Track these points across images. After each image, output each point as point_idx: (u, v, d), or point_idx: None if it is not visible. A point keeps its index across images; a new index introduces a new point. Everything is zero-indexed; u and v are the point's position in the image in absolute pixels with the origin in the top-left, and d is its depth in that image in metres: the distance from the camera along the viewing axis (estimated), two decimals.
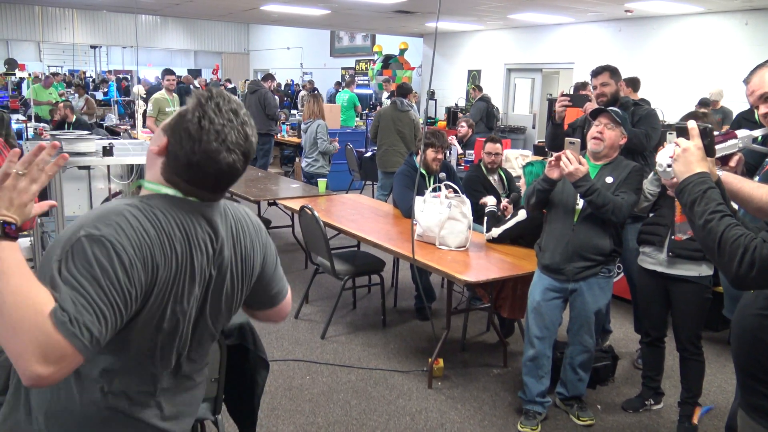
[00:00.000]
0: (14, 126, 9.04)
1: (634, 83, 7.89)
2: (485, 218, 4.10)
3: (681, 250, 3.04)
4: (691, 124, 1.60)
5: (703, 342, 3.23)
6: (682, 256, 3.06)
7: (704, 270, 3.09)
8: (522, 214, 3.85)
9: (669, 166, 1.78)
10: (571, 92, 3.93)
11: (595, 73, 3.82)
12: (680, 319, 3.17)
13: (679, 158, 1.58)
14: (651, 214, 3.23)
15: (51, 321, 1.07)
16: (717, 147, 1.74)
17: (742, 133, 1.89)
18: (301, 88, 17.30)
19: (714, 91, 8.29)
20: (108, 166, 4.30)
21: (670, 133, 2.91)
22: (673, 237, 3.04)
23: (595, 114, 3.19)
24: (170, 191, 1.33)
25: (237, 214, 1.51)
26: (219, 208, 1.42)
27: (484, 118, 10.00)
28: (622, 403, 3.49)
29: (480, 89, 11.07)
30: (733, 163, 1.90)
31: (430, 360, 3.65)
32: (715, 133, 1.78)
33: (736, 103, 8.26)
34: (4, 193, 1.17)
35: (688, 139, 1.59)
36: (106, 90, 16.99)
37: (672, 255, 3.08)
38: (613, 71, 3.77)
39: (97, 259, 1.15)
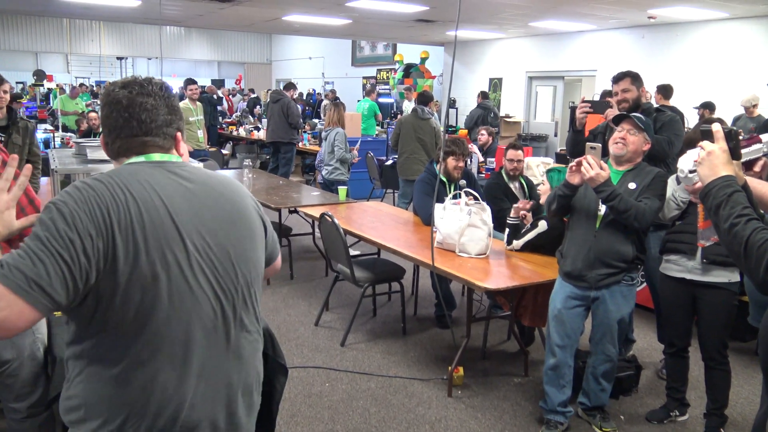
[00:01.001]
0: (42, 136, 9.24)
1: (666, 90, 7.81)
2: (506, 229, 4.06)
3: (716, 256, 2.97)
4: (716, 127, 1.57)
5: (730, 352, 3.16)
6: (717, 263, 2.99)
7: (734, 276, 3.03)
8: (543, 225, 3.82)
9: (691, 171, 1.76)
10: (597, 99, 3.88)
11: (617, 79, 3.79)
12: (707, 327, 3.10)
13: (704, 161, 1.55)
14: (678, 222, 3.17)
15: None
16: (742, 152, 1.71)
17: (766, 137, 1.85)
18: (323, 98, 17.43)
19: (747, 98, 8.08)
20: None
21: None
22: (702, 243, 2.98)
23: (618, 120, 3.16)
24: (125, 161, 1.38)
25: (213, 173, 1.51)
26: (185, 165, 1.43)
27: (479, 125, 10.07)
28: (646, 414, 3.43)
29: (485, 96, 11.12)
30: (757, 168, 1.87)
31: (450, 368, 3.63)
32: (740, 137, 1.75)
33: (761, 110, 8.14)
34: None
35: (712, 142, 1.56)
36: None
37: (707, 262, 3.02)
38: (634, 77, 3.73)
39: (41, 219, 1.20)
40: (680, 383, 3.32)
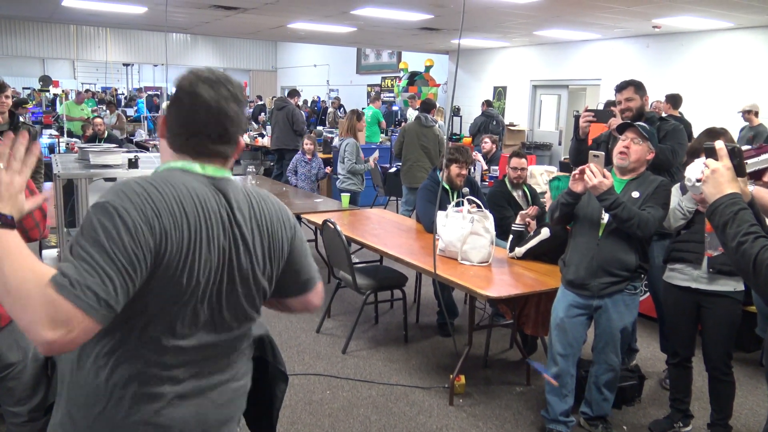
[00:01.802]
0: (47, 141, 9.28)
1: (674, 100, 7.80)
2: (510, 237, 4.05)
3: (722, 265, 2.95)
4: (719, 145, 1.56)
5: (734, 363, 3.13)
6: (723, 272, 2.97)
7: (739, 285, 3.00)
8: (545, 233, 3.81)
9: (698, 180, 1.75)
10: (600, 109, 3.89)
11: (620, 88, 3.78)
12: (712, 336, 3.07)
13: (708, 179, 1.55)
14: (684, 231, 3.15)
15: (52, 286, 1.09)
16: (750, 161, 1.70)
17: None
18: (328, 105, 17.48)
19: (746, 107, 8.05)
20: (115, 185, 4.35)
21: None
22: (710, 252, 2.97)
23: (622, 129, 3.15)
24: (180, 164, 1.35)
25: (257, 192, 1.49)
26: (234, 184, 1.42)
27: (482, 132, 10.33)
28: (649, 425, 3.40)
29: (489, 104, 11.39)
30: (766, 178, 1.86)
31: (451, 376, 3.61)
32: (748, 147, 1.74)
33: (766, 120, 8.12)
34: None
35: (716, 159, 1.56)
36: (136, 107, 17.35)
37: (713, 271, 3.00)
38: (637, 86, 3.73)
39: (102, 224, 1.17)
40: (683, 394, 3.29)
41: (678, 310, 3.18)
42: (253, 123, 13.73)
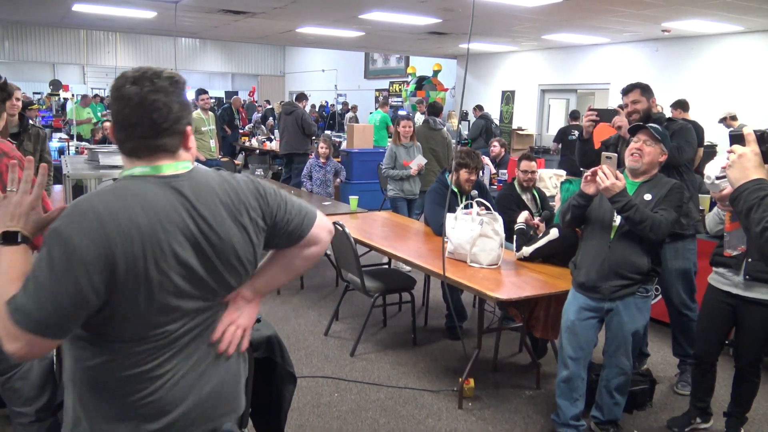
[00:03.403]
0: (57, 144, 9.33)
1: (683, 105, 7.80)
2: (515, 236, 4.03)
3: (759, 273, 2.94)
4: (747, 130, 1.54)
5: None
6: (759, 279, 2.95)
7: None
8: (554, 233, 3.78)
9: (717, 178, 1.73)
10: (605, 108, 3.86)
11: (626, 91, 3.77)
12: (746, 341, 3.08)
13: (734, 165, 1.52)
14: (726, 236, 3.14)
15: (5, 309, 1.24)
16: None
17: None
18: (337, 109, 17.53)
19: (726, 114, 8.26)
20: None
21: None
22: (729, 252, 2.97)
23: (634, 130, 3.12)
24: (137, 170, 1.39)
25: (220, 176, 1.50)
26: (193, 177, 1.43)
27: (484, 135, 10.66)
28: (667, 421, 3.41)
29: (481, 109, 11.88)
30: None
31: (460, 380, 3.58)
32: None
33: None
34: (3, 210, 1.37)
35: (743, 145, 1.53)
36: None
37: (749, 278, 2.98)
38: (644, 88, 3.70)
39: (49, 250, 1.25)
40: (704, 394, 3.30)
41: (714, 312, 3.17)
42: (262, 127, 13.75)
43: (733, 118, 8.20)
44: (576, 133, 9.79)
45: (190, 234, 1.38)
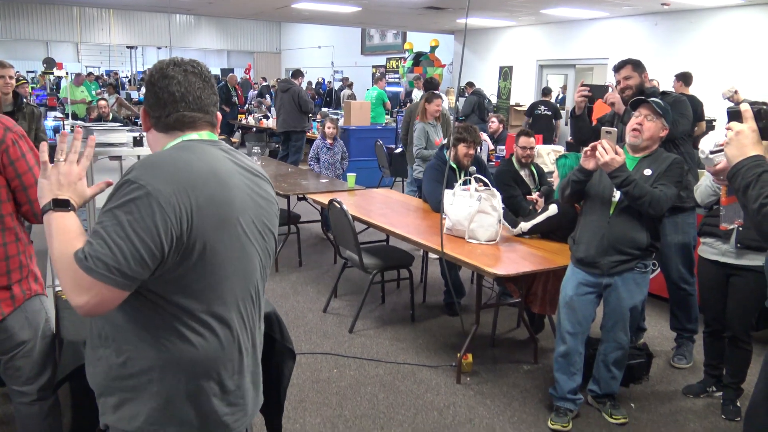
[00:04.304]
0: (52, 123, 9.26)
1: (685, 78, 7.74)
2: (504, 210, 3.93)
3: (750, 241, 3.03)
4: (745, 107, 1.53)
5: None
6: (752, 247, 3.04)
7: None
8: (553, 209, 3.77)
9: (712, 152, 1.72)
10: (610, 91, 3.85)
11: (618, 68, 3.75)
12: (736, 307, 3.16)
13: (732, 141, 1.52)
14: (715, 206, 3.22)
15: (73, 259, 1.26)
16: None
17: None
18: (333, 86, 17.38)
19: (727, 90, 8.09)
20: (139, 156, 4.35)
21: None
22: (725, 226, 3.03)
23: (635, 105, 3.10)
24: (184, 136, 1.46)
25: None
26: (231, 148, 1.55)
27: (477, 111, 10.51)
28: (683, 388, 3.53)
29: (472, 85, 11.73)
30: None
31: (459, 355, 3.60)
32: None
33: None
34: (52, 178, 1.41)
35: (741, 122, 1.52)
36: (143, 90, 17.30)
37: (741, 246, 3.08)
38: (635, 64, 3.68)
39: (123, 202, 1.28)
40: (717, 361, 3.39)
41: (709, 283, 3.28)
42: (262, 105, 13.64)
43: (736, 93, 8.10)
44: (542, 108, 9.99)
45: (247, 187, 1.48)
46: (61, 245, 1.30)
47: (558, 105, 11.51)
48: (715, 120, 7.87)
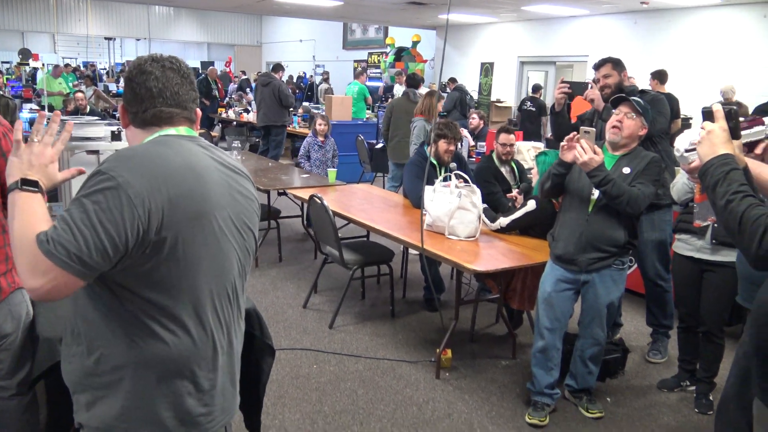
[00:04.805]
0: (28, 115, 9.10)
1: (660, 76, 7.83)
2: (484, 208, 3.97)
3: (724, 237, 3.08)
4: (716, 107, 1.58)
5: None
6: (726, 243, 3.10)
7: None
8: (531, 205, 3.80)
9: (687, 151, 1.76)
10: (590, 88, 3.90)
11: (597, 66, 3.78)
12: (710, 302, 3.23)
13: (703, 140, 1.56)
14: (691, 203, 3.27)
15: (34, 241, 1.24)
16: (743, 133, 1.71)
17: None
18: (315, 81, 17.30)
19: (725, 87, 8.12)
20: (116, 151, 4.30)
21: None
22: (699, 222, 3.06)
23: (616, 102, 3.13)
24: (162, 132, 1.45)
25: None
26: (209, 144, 1.54)
27: (458, 107, 10.62)
28: (657, 383, 3.58)
29: (454, 81, 11.86)
30: (759, 150, 1.87)
31: (438, 350, 3.63)
32: (741, 119, 1.74)
33: (755, 96, 8.15)
34: (23, 157, 1.39)
35: (713, 122, 1.56)
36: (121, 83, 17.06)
37: (716, 242, 3.14)
38: (615, 62, 3.71)
39: (92, 191, 1.27)
40: (691, 357, 3.46)
41: (683, 278, 3.34)
42: (243, 99, 13.53)
43: (732, 92, 8.13)
44: (528, 104, 10.17)
45: (225, 183, 1.47)
46: (23, 226, 1.28)
47: (545, 102, 11.61)
48: (691, 118, 7.98)
